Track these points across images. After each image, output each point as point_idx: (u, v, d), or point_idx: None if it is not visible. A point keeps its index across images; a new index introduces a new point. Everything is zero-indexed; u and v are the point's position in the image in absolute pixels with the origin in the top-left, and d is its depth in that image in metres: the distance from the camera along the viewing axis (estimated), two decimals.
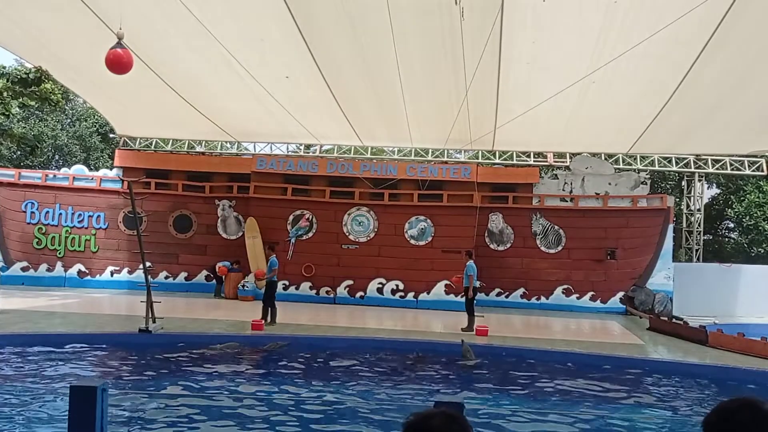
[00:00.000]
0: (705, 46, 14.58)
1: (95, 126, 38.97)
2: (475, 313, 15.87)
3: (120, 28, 10.60)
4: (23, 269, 22.62)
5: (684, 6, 12.31)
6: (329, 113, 20.95)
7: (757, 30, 13.69)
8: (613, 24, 13.86)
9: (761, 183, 29.86)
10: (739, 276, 22.04)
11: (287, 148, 27.25)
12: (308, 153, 27.51)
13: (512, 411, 9.67)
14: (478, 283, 16.48)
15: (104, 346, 13.04)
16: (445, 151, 26.14)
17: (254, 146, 27.25)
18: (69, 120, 40.23)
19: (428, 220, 21.56)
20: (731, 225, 34.69)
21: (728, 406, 2.05)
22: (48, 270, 22.75)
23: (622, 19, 13.63)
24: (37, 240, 22.84)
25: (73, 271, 22.84)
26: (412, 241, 21.61)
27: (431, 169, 22.54)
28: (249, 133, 25.37)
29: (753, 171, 24.20)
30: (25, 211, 22.88)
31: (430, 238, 21.54)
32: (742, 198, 31.03)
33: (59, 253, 22.92)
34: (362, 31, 15.05)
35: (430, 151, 26.03)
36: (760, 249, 30.47)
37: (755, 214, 30.19)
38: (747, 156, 23.92)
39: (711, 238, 33.66)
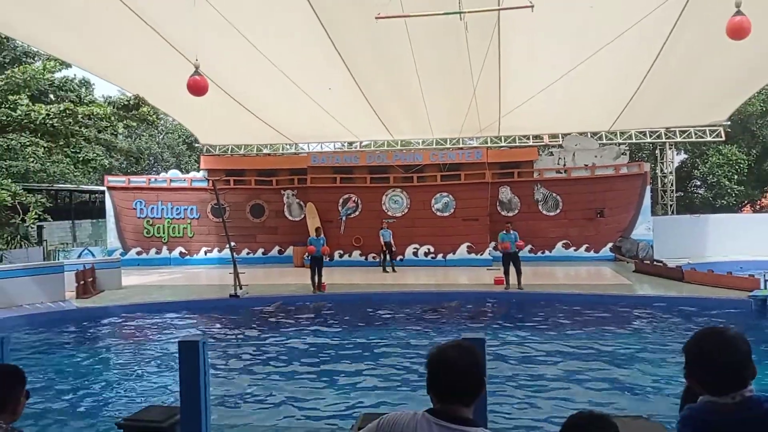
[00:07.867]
0: (666, 39, 14.27)
1: (181, 137, 39.46)
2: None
3: (196, 59, 10.66)
4: (137, 254, 23.03)
5: (644, 8, 12.08)
6: (365, 115, 20.82)
7: (709, 19, 13.18)
8: (590, 24, 13.57)
9: (720, 147, 29.05)
10: (706, 224, 21.53)
11: (334, 146, 27.22)
12: (351, 148, 27.39)
13: (522, 340, 9.59)
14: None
15: (204, 309, 13.31)
16: (460, 139, 25.80)
17: (308, 146, 27.23)
18: (161, 134, 40.80)
19: (450, 196, 21.36)
20: (698, 183, 33.70)
21: (700, 334, 2.08)
22: (156, 253, 23.15)
23: (597, 21, 13.34)
24: (146, 230, 23.24)
25: (175, 252, 23.20)
26: (438, 213, 21.43)
27: (450, 155, 22.27)
28: (303, 136, 25.37)
29: (714, 138, 23.45)
30: (135, 209, 23.28)
31: (452, 210, 21.34)
32: (705, 160, 30.22)
33: (164, 240, 23.30)
34: (387, 47, 14.90)
35: (448, 139, 25.72)
36: (722, 201, 29.73)
37: (717, 173, 29.48)
38: (708, 125, 23.19)
39: (682, 194, 32.72)
